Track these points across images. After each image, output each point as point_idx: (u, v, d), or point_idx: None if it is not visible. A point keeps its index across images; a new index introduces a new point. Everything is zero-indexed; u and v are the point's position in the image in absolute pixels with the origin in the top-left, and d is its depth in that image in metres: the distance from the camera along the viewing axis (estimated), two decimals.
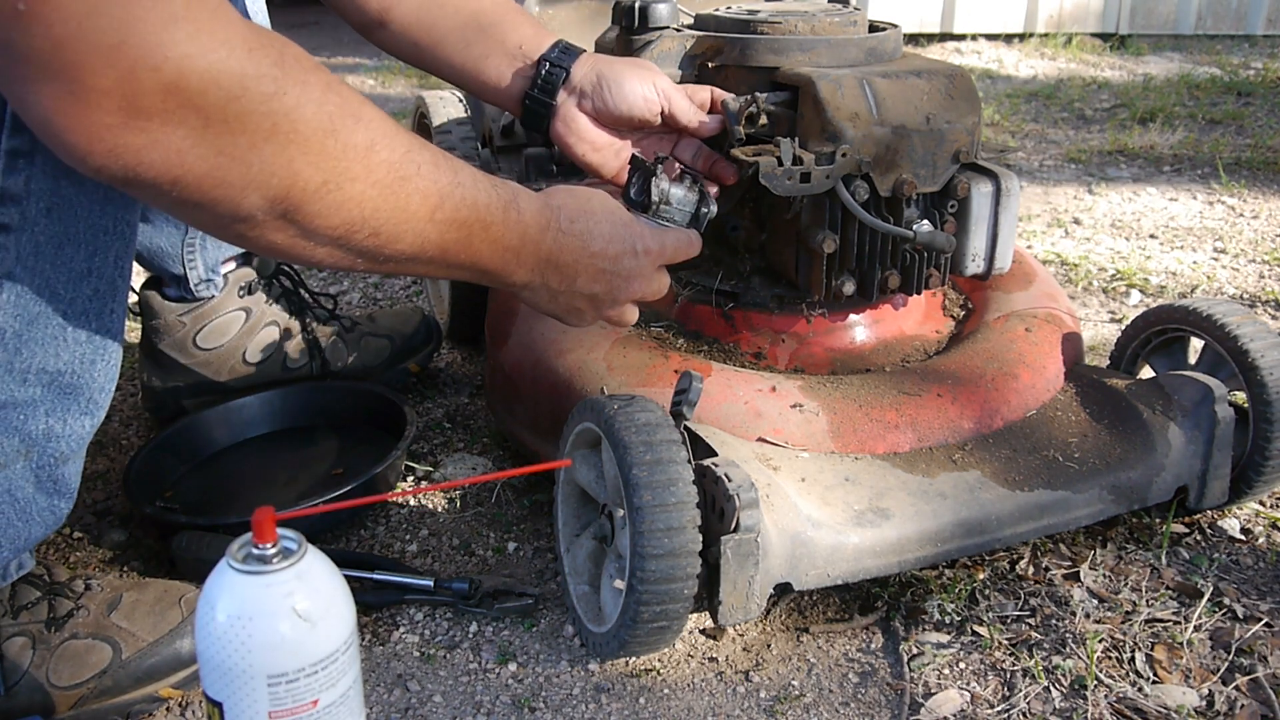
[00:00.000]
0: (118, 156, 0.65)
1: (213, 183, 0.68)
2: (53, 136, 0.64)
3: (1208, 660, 1.01)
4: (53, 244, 0.79)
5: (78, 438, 0.88)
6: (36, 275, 0.79)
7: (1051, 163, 2.75)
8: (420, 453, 1.40)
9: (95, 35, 0.61)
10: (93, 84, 0.62)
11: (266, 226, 0.73)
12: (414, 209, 0.79)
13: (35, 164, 0.75)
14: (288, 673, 0.68)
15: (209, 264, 1.35)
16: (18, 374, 0.81)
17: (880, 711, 0.96)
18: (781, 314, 1.20)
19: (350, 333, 1.50)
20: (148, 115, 0.64)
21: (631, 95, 1.08)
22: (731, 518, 0.89)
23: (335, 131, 0.72)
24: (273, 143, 0.69)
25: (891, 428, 1.08)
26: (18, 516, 0.86)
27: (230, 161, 0.68)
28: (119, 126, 0.64)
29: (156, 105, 0.64)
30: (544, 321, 1.21)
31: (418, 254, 0.81)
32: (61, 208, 0.78)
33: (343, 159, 0.73)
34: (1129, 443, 1.11)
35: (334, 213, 0.74)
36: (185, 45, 0.64)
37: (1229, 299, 1.74)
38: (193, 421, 1.36)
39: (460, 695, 0.98)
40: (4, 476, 0.84)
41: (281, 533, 0.69)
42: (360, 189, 0.75)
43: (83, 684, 0.92)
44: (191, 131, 0.66)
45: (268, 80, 0.68)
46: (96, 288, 0.83)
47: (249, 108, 0.67)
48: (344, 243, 0.77)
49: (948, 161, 1.11)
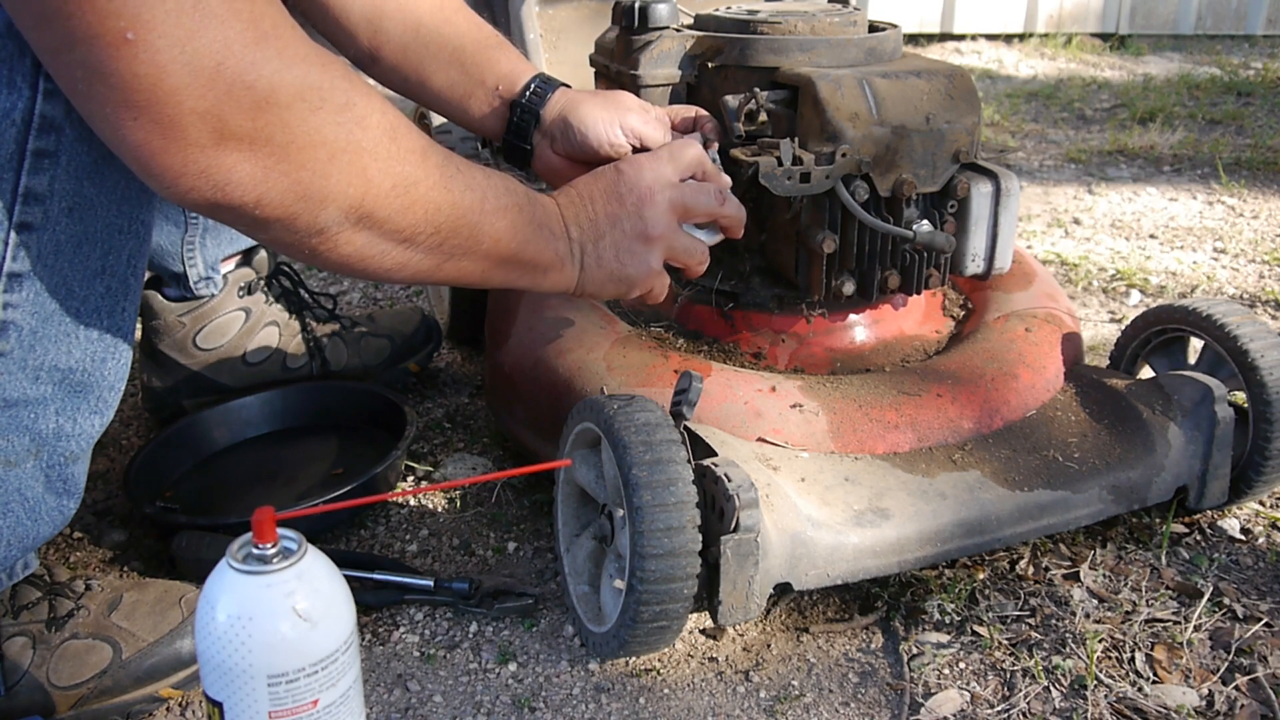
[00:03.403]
0: (209, 177, 0.68)
1: (295, 196, 0.71)
2: (146, 161, 0.67)
3: (1208, 660, 1.01)
4: (71, 243, 0.79)
5: (87, 437, 0.88)
6: (54, 273, 0.79)
7: (1051, 163, 2.75)
8: (420, 453, 1.40)
9: (197, 59, 0.64)
10: (191, 106, 0.65)
11: (340, 238, 0.76)
12: (466, 204, 0.83)
13: (60, 164, 0.76)
14: (288, 673, 0.68)
15: (209, 262, 1.35)
16: (30, 371, 0.81)
17: (880, 711, 0.96)
18: (781, 314, 1.20)
19: (350, 333, 1.50)
20: (237, 136, 0.67)
21: (596, 141, 1.09)
22: (731, 518, 0.89)
23: (397, 137, 0.76)
24: (348, 152, 0.73)
25: (891, 428, 1.08)
26: (26, 515, 0.86)
27: (311, 175, 0.71)
28: (212, 147, 0.67)
29: (247, 124, 0.67)
30: (544, 321, 1.21)
31: (473, 248, 0.86)
32: (82, 208, 0.79)
33: (405, 162, 0.77)
34: (1129, 443, 1.11)
35: (401, 216, 0.78)
36: (275, 62, 0.67)
37: (1229, 299, 1.74)
38: (193, 421, 1.36)
39: (460, 695, 0.98)
40: (14, 475, 0.84)
41: (281, 533, 0.69)
42: (423, 190, 0.79)
43: (83, 684, 0.92)
44: (276, 149, 0.69)
45: (340, 92, 0.72)
46: (110, 286, 0.84)
47: (327, 119, 0.71)
48: (410, 246, 0.81)
49: (948, 161, 1.11)
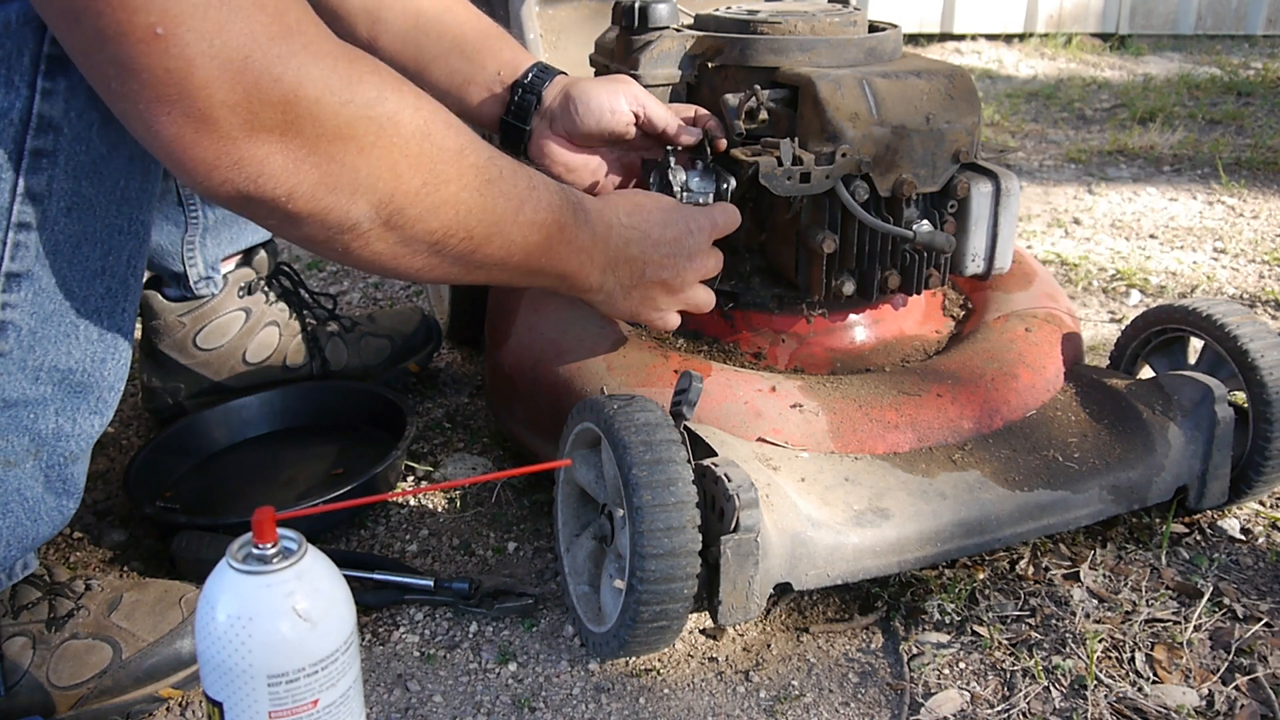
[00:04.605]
0: (242, 170, 0.68)
1: (325, 190, 0.72)
2: (180, 154, 0.67)
3: (1208, 660, 1.01)
4: (70, 242, 0.79)
5: (86, 437, 0.88)
6: (53, 273, 0.79)
7: (1051, 163, 2.75)
8: (420, 453, 1.40)
9: (225, 52, 0.65)
10: (221, 99, 0.65)
11: (371, 235, 0.76)
12: (500, 211, 0.82)
13: (58, 164, 0.76)
14: (288, 673, 0.68)
15: (209, 261, 1.35)
16: (30, 371, 0.81)
17: (880, 711, 0.96)
18: (781, 314, 1.20)
19: (350, 333, 1.50)
20: (268, 128, 0.68)
21: (598, 109, 1.09)
22: (731, 518, 0.89)
23: (430, 136, 0.76)
24: (378, 147, 0.73)
25: (891, 428, 1.08)
26: (26, 516, 0.86)
27: (340, 168, 0.72)
28: (243, 140, 0.67)
29: (276, 117, 0.68)
30: (544, 321, 1.21)
31: (505, 258, 0.85)
32: (81, 207, 0.79)
33: (439, 161, 0.77)
34: (1129, 443, 1.11)
35: (433, 216, 0.78)
36: (301, 56, 0.68)
37: (1229, 299, 1.74)
38: (192, 421, 1.36)
39: (460, 695, 0.98)
40: (14, 475, 0.84)
41: (281, 533, 0.69)
42: (454, 191, 0.78)
43: (83, 684, 0.92)
44: (306, 141, 0.69)
45: (369, 87, 0.72)
46: (109, 286, 0.84)
47: (356, 114, 0.71)
48: (440, 248, 0.81)
49: (948, 161, 1.11)
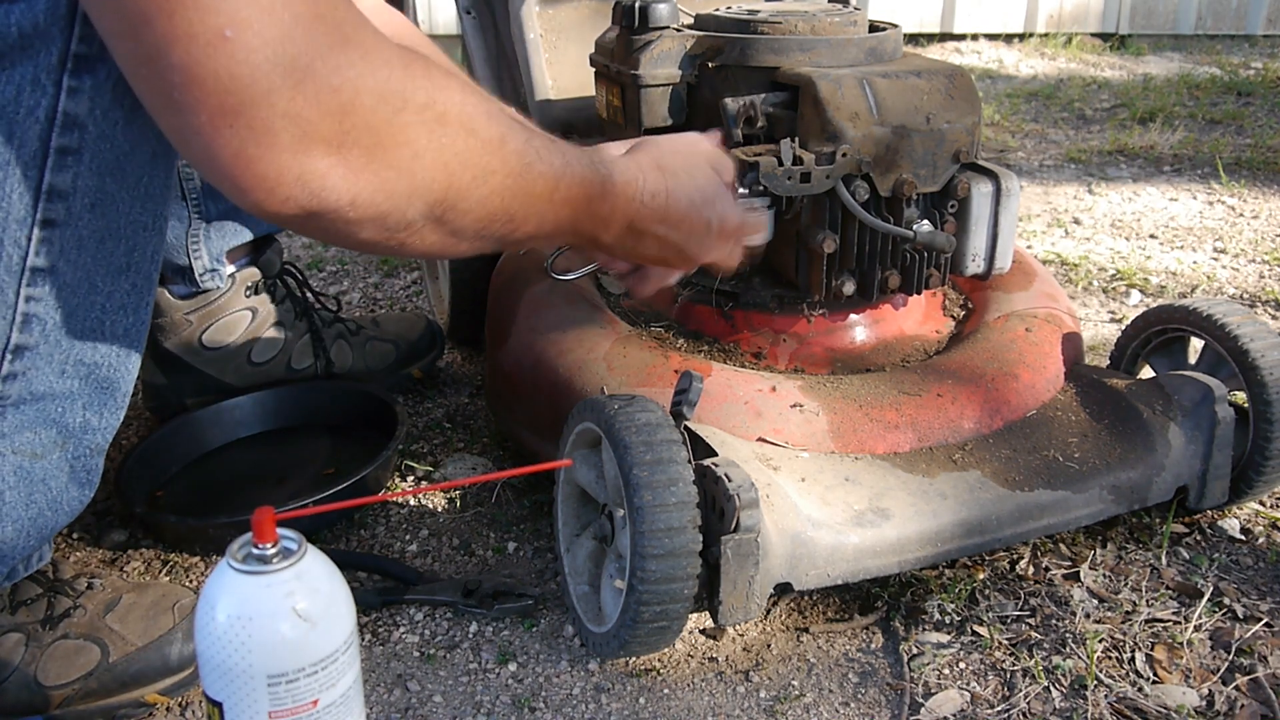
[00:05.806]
0: (305, 185, 0.68)
1: (384, 195, 0.72)
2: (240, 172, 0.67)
3: (1208, 660, 1.01)
4: (95, 239, 0.79)
5: (110, 430, 0.89)
6: (79, 269, 0.79)
7: (1051, 163, 2.74)
8: (420, 453, 1.40)
9: (289, 61, 0.64)
10: (284, 109, 0.65)
11: (425, 230, 0.77)
12: (538, 193, 0.83)
13: (83, 161, 0.76)
14: (288, 673, 0.68)
15: (213, 254, 1.34)
16: (57, 365, 0.82)
17: (880, 711, 0.96)
18: (781, 314, 1.20)
19: (355, 336, 1.50)
20: (326, 139, 0.67)
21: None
22: (731, 518, 0.89)
23: (475, 130, 0.76)
24: (431, 150, 0.73)
25: (891, 428, 1.08)
26: (48, 506, 0.87)
27: (398, 174, 0.72)
28: (303, 153, 0.67)
29: (335, 127, 0.67)
30: (544, 321, 1.21)
31: (536, 233, 0.86)
32: (105, 204, 0.79)
33: (484, 154, 0.77)
34: (1129, 443, 1.11)
35: (480, 207, 0.78)
36: (359, 65, 0.68)
37: (1229, 299, 1.74)
38: (185, 421, 1.36)
39: (460, 695, 0.98)
40: (40, 467, 0.84)
41: (281, 532, 0.69)
42: (499, 180, 0.79)
43: (68, 685, 0.92)
44: (364, 150, 0.69)
45: (422, 91, 0.72)
46: (135, 283, 0.84)
47: (411, 119, 0.71)
48: (484, 232, 0.81)
49: (948, 161, 1.11)
